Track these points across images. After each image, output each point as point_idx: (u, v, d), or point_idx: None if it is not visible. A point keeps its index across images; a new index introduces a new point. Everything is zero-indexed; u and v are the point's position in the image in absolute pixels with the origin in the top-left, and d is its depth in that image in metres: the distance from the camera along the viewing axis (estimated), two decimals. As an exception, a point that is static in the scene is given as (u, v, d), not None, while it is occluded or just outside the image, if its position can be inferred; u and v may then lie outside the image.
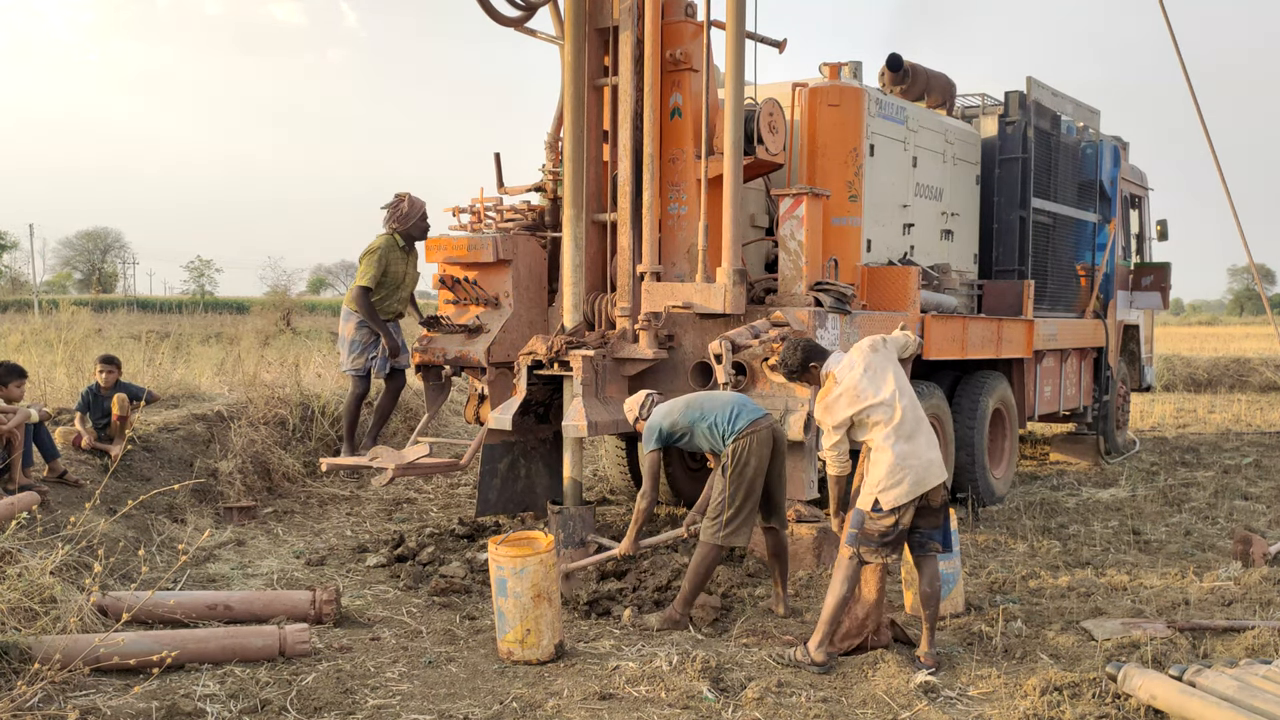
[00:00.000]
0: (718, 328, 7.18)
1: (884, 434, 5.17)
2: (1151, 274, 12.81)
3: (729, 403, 5.98)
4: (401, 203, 7.94)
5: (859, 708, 4.70)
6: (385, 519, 8.74)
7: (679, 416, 6.02)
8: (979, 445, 9.03)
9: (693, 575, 5.86)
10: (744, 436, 5.79)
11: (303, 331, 24.95)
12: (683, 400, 6.16)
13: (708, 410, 5.97)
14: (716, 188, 7.24)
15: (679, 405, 6.09)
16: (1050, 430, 13.30)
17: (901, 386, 5.27)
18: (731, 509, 5.76)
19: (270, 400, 9.86)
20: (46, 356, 11.00)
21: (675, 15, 7.51)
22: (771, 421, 5.94)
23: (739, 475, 5.76)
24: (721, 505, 5.78)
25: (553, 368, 7.07)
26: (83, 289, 65.82)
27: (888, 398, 5.20)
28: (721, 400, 6.03)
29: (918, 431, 5.22)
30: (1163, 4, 7.88)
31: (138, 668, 4.69)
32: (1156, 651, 5.09)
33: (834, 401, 5.27)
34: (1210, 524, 8.61)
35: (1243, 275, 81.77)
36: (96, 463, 7.79)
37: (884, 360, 5.34)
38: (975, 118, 10.60)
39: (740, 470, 5.77)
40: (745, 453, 5.77)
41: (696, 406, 6.03)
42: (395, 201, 7.97)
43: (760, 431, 5.82)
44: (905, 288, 8.08)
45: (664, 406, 6.15)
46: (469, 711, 4.61)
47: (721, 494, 5.80)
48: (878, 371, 5.28)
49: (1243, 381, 20.88)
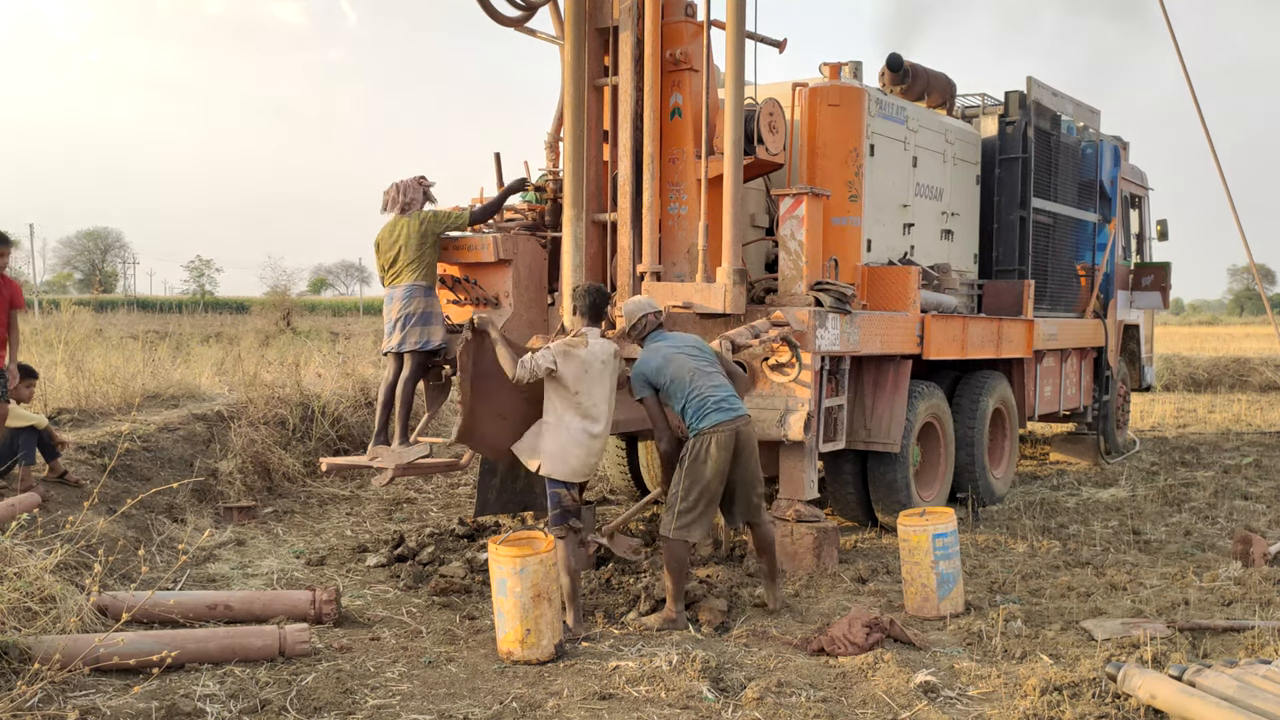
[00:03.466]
0: (718, 328, 7.18)
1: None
2: (1151, 274, 12.81)
3: (706, 392, 5.87)
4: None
5: (859, 708, 4.70)
6: (385, 519, 8.74)
7: (661, 374, 5.95)
8: (979, 445, 9.04)
9: (666, 572, 5.92)
10: (706, 434, 5.80)
11: (303, 331, 24.95)
12: (672, 355, 5.99)
13: (686, 390, 5.89)
14: (716, 188, 7.24)
15: (666, 360, 5.96)
16: (1050, 430, 13.30)
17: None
18: (683, 503, 5.83)
19: (270, 400, 9.86)
20: (46, 356, 10.99)
21: (675, 15, 7.51)
22: (741, 423, 5.88)
23: (693, 471, 5.81)
24: (674, 499, 5.87)
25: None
26: (83, 289, 65.84)
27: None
28: (701, 385, 5.89)
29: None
30: (1163, 4, 7.89)
31: (138, 668, 4.69)
32: (1156, 651, 5.09)
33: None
34: (1210, 524, 8.61)
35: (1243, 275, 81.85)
36: (96, 462, 7.79)
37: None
38: (975, 118, 10.60)
39: (694, 466, 5.81)
40: (703, 451, 5.79)
41: (680, 379, 5.91)
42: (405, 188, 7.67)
43: (721, 434, 5.79)
44: (905, 288, 8.08)
45: (650, 354, 6.02)
46: (469, 711, 4.61)
47: (675, 487, 5.87)
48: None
49: (1243, 381, 20.87)
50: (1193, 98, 8.28)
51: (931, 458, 8.63)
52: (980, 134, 10.30)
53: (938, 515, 6.29)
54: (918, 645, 5.49)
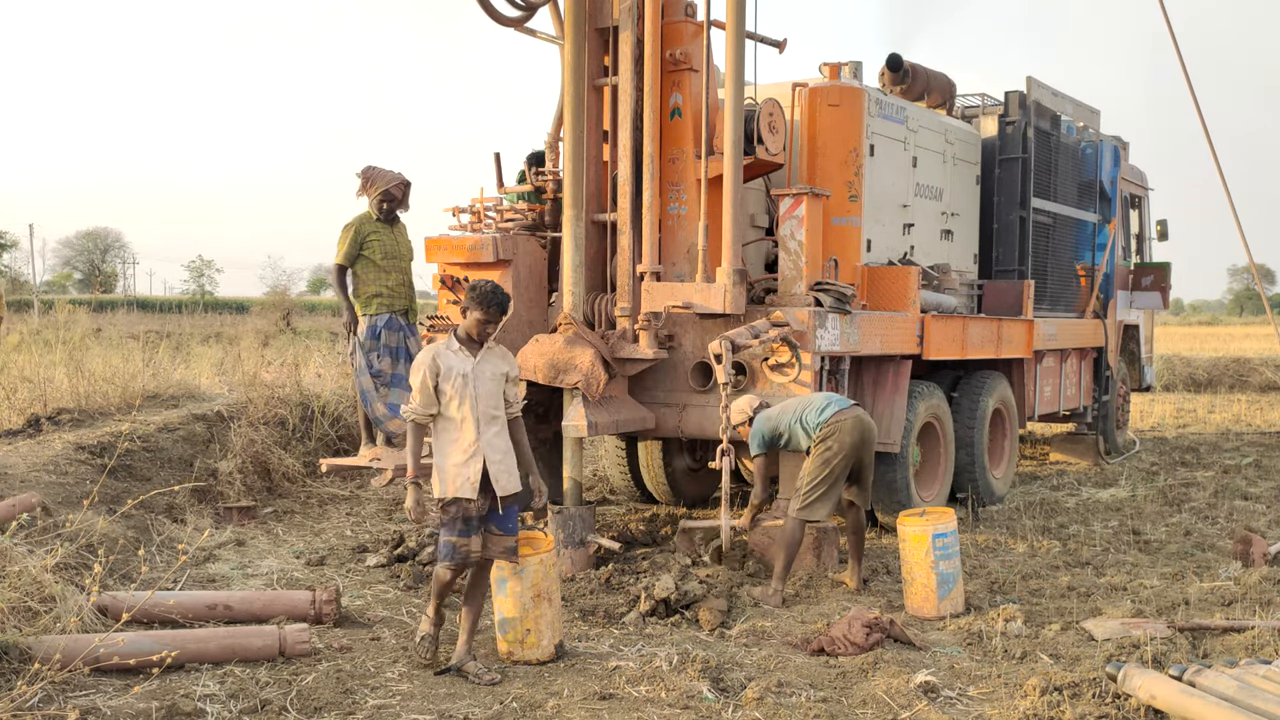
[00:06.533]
0: (718, 328, 7.18)
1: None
2: (1151, 274, 12.81)
3: (822, 400, 6.53)
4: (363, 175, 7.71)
5: (859, 708, 4.70)
6: (385, 519, 8.74)
7: (779, 422, 6.55)
8: (979, 445, 9.03)
9: (780, 548, 6.44)
10: (830, 423, 6.34)
11: (303, 331, 24.96)
12: (781, 406, 6.68)
13: (802, 411, 6.50)
14: (716, 188, 7.24)
15: (778, 411, 6.63)
16: (1050, 430, 13.30)
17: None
18: (809, 486, 6.34)
19: (270, 400, 9.85)
20: (46, 356, 11.00)
21: (675, 15, 7.52)
22: (859, 412, 6.46)
23: (821, 456, 6.33)
24: (802, 483, 6.39)
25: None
26: (83, 289, 65.83)
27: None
28: (817, 399, 6.57)
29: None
30: (1163, 4, 7.89)
31: (138, 668, 4.69)
32: (1156, 651, 5.09)
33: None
34: (1210, 524, 8.61)
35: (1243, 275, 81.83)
36: (96, 462, 7.79)
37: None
38: (975, 118, 10.60)
39: (823, 453, 6.32)
40: (830, 438, 6.32)
41: (793, 410, 6.54)
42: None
43: (844, 421, 6.34)
44: (905, 288, 8.08)
45: (766, 412, 6.66)
46: (469, 711, 4.61)
47: (805, 474, 6.39)
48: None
49: (1243, 381, 20.87)
50: (1193, 98, 8.28)
51: (931, 458, 8.63)
52: (980, 134, 10.30)
53: (938, 515, 6.29)
54: (918, 645, 5.49)
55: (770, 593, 6.31)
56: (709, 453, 7.33)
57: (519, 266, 7.79)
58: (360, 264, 7.56)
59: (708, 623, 5.84)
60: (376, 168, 7.67)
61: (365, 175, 7.64)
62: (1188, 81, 8.20)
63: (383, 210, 7.60)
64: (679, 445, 9.03)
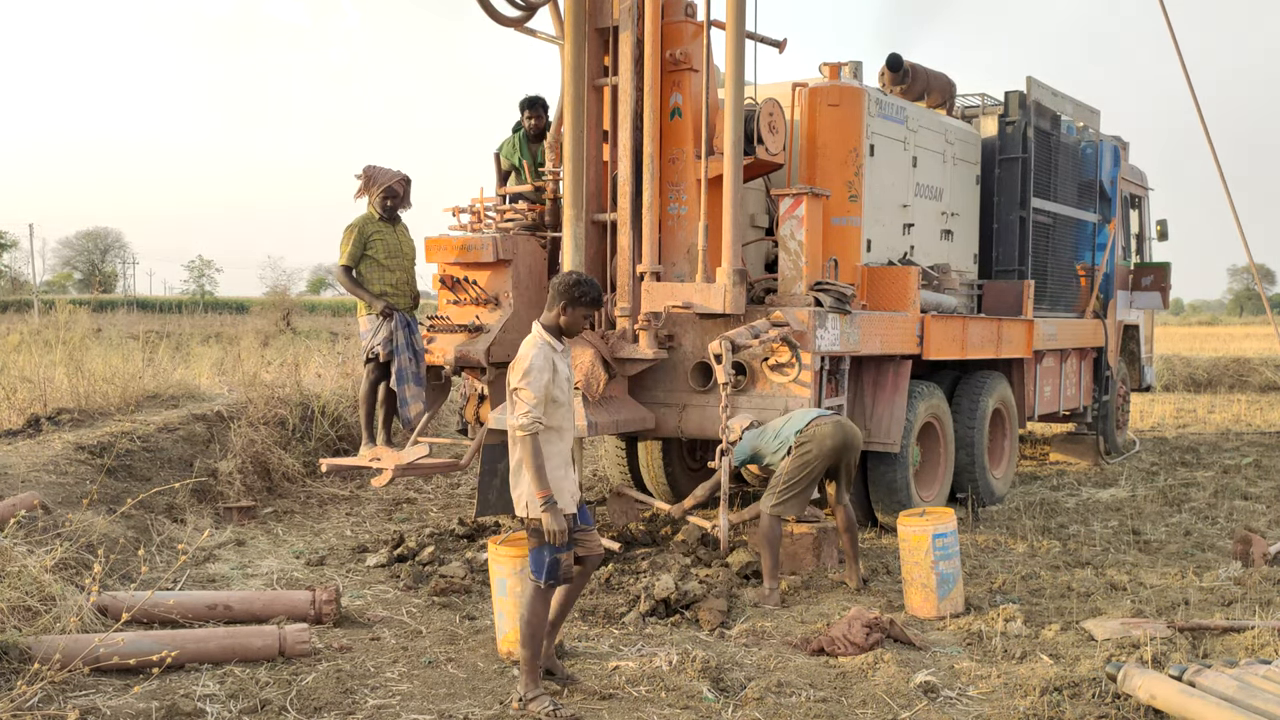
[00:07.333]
0: (718, 328, 7.18)
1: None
2: (1151, 274, 12.81)
3: (802, 415, 6.68)
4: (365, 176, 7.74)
5: (859, 708, 4.70)
6: (385, 519, 8.74)
7: (762, 442, 6.73)
8: (979, 445, 9.03)
9: (762, 548, 6.47)
10: (810, 428, 6.48)
11: (303, 331, 24.97)
12: (768, 425, 6.82)
13: (782, 426, 6.66)
14: (716, 188, 7.24)
15: (762, 431, 6.80)
16: (1050, 430, 13.30)
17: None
18: (785, 485, 6.44)
19: (270, 400, 9.85)
20: (46, 356, 11.00)
21: (675, 15, 7.51)
22: (841, 419, 6.61)
23: (801, 458, 6.44)
24: (779, 481, 6.48)
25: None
26: (83, 289, 65.84)
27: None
28: (797, 415, 6.71)
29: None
30: (1163, 4, 7.89)
31: (138, 668, 4.69)
32: (1156, 651, 5.09)
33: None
34: (1210, 524, 8.61)
35: (1243, 275, 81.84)
36: (96, 462, 7.79)
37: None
38: (975, 118, 10.60)
39: (803, 455, 6.43)
40: (809, 442, 6.45)
41: (774, 429, 6.72)
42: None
43: (824, 425, 6.48)
44: (905, 288, 8.08)
45: (752, 432, 6.84)
46: (469, 711, 4.61)
47: (782, 473, 6.48)
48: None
49: (1243, 381, 20.86)
50: (1193, 98, 8.28)
51: (931, 458, 8.62)
52: (980, 134, 10.30)
53: (938, 515, 6.29)
54: (918, 645, 5.49)
55: (766, 592, 6.33)
56: (709, 453, 7.34)
57: (519, 266, 7.79)
58: (364, 264, 7.64)
59: (708, 623, 5.84)
60: (376, 167, 7.73)
61: (365, 175, 7.71)
62: (1188, 82, 8.20)
63: (385, 208, 7.65)
64: (679, 445, 9.03)
